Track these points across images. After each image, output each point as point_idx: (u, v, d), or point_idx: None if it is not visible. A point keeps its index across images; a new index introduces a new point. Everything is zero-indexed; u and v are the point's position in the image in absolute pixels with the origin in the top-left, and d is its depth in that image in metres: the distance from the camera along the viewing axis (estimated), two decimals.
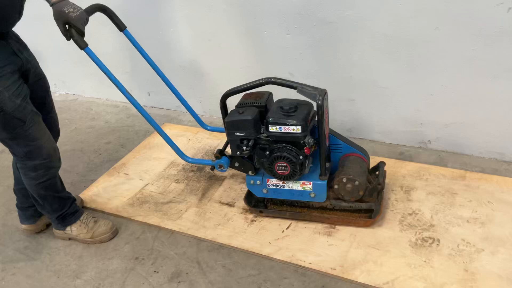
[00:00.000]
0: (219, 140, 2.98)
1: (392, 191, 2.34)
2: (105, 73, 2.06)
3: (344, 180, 2.05)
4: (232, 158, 2.21)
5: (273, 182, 2.17)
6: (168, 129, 3.17)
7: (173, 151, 2.28)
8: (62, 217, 2.25)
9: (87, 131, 3.31)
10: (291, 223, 2.22)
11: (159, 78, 2.39)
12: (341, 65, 2.63)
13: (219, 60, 3.04)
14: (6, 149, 2.07)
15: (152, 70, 2.38)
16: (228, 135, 2.14)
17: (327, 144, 2.10)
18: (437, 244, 2.01)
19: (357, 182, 2.03)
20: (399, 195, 2.31)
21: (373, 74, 2.57)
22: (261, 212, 2.28)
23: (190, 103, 2.59)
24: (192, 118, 3.27)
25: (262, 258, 2.07)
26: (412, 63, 2.44)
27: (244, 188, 2.49)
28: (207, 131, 3.08)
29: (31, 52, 2.06)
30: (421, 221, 2.14)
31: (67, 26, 1.90)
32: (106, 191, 2.62)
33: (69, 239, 2.31)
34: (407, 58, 2.43)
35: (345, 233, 2.12)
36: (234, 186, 2.53)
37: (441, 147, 2.63)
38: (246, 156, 2.15)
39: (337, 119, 2.84)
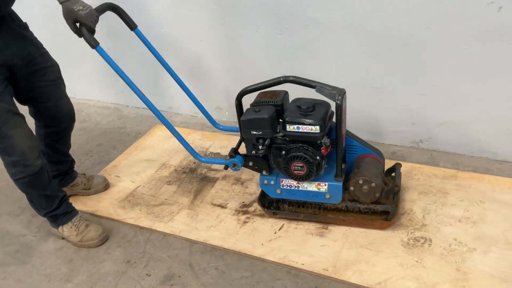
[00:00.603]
0: (211, 141, 2.97)
1: None
2: (118, 73, 2.04)
3: (361, 181, 2.03)
4: (246, 157, 2.17)
5: (287, 182, 2.14)
6: (160, 131, 3.15)
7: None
8: (52, 216, 2.25)
9: (78, 133, 3.29)
10: (283, 224, 2.21)
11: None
12: (332, 65, 2.62)
13: (210, 61, 3.02)
14: None
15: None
16: (244, 134, 2.09)
17: (344, 145, 2.07)
18: (429, 244, 2.01)
19: (373, 184, 2.01)
20: None
21: (365, 74, 2.57)
22: (274, 213, 2.24)
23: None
24: (184, 120, 3.28)
25: (255, 259, 2.06)
26: (404, 63, 2.44)
27: (236, 190, 2.48)
28: (199, 133, 3.08)
29: (28, 40, 2.05)
30: (413, 221, 2.14)
31: (77, 24, 1.89)
32: (98, 194, 2.60)
33: (62, 238, 2.31)
34: (399, 58, 2.43)
35: (338, 233, 2.12)
36: (226, 188, 2.52)
37: (433, 147, 2.64)
38: (261, 156, 2.12)
39: None
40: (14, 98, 2.07)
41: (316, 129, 1.94)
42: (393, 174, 2.22)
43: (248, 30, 2.75)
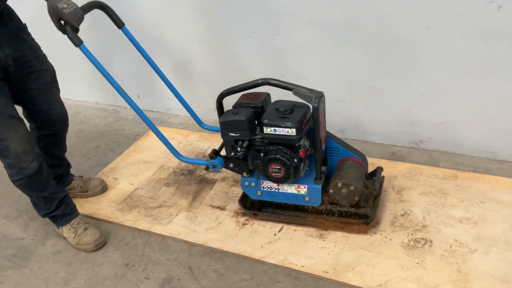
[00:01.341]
0: (210, 142, 2.95)
1: (383, 192, 2.32)
2: (101, 72, 2.03)
3: (339, 184, 2.02)
4: (227, 159, 2.18)
5: (267, 184, 2.14)
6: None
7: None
8: (52, 217, 2.25)
9: (76, 135, 3.27)
10: (283, 226, 2.20)
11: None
12: (331, 65, 2.61)
13: (209, 62, 3.01)
14: None
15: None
16: (222, 136, 2.11)
17: (324, 148, 2.07)
18: (430, 245, 2.00)
19: (352, 187, 2.01)
20: (391, 195, 2.30)
21: (364, 74, 2.56)
22: (255, 215, 2.25)
23: (180, 105, 2.56)
24: (183, 121, 3.27)
25: (255, 262, 2.05)
26: (403, 63, 2.43)
27: (235, 191, 2.46)
28: (197, 134, 3.06)
29: (24, 42, 2.04)
30: (413, 222, 2.13)
31: (62, 22, 1.88)
32: (95, 196, 2.58)
33: (64, 237, 2.30)
34: (398, 58, 2.42)
35: (337, 235, 2.11)
36: (225, 189, 2.50)
37: (432, 147, 2.63)
38: (241, 157, 2.12)
39: (328, 120, 2.82)
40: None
41: (292, 131, 1.95)
42: (374, 178, 2.21)
43: (246, 31, 2.73)
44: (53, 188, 2.21)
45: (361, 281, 1.87)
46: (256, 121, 2.08)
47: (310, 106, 1.94)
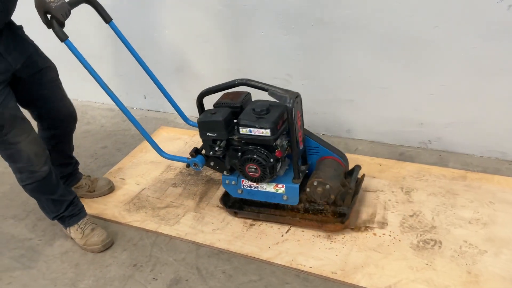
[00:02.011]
0: None
1: (392, 193, 2.31)
2: (85, 67, 2.03)
3: (315, 183, 2.03)
4: (207, 157, 2.20)
5: (247, 183, 2.16)
6: (165, 133, 3.14)
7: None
8: (60, 218, 2.24)
9: (83, 136, 3.27)
10: (290, 227, 2.18)
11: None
12: (339, 65, 2.60)
13: (215, 62, 3.00)
14: None
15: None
16: (200, 135, 2.14)
17: (302, 147, 2.09)
18: (439, 246, 1.98)
19: (328, 186, 2.01)
20: (399, 196, 2.29)
21: (372, 74, 2.54)
22: (235, 213, 2.28)
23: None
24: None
25: (263, 263, 2.04)
26: (412, 63, 2.41)
27: None
28: None
29: (27, 43, 2.04)
30: (422, 223, 2.11)
31: (48, 16, 1.87)
32: (102, 197, 2.58)
33: (71, 238, 2.29)
34: (407, 57, 2.40)
35: (346, 236, 2.10)
36: None
37: (441, 147, 2.61)
38: (221, 156, 2.14)
39: (335, 120, 2.81)
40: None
41: (267, 132, 1.96)
42: (360, 176, 2.23)
43: (254, 31, 2.72)
44: (62, 190, 2.21)
45: (370, 283, 1.86)
46: (234, 121, 2.09)
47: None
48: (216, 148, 2.11)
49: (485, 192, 2.24)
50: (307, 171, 2.19)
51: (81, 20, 2.57)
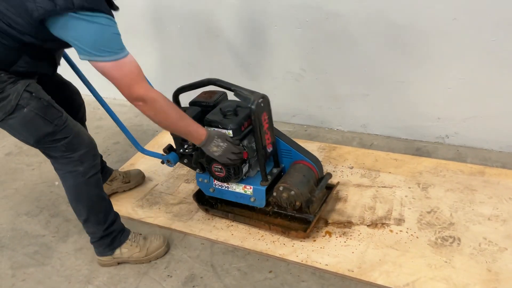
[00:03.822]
0: None
1: (409, 189, 2.27)
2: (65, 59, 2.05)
3: (281, 188, 2.00)
4: (182, 155, 2.19)
5: (218, 182, 2.14)
6: (169, 135, 3.11)
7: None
8: (108, 235, 2.03)
9: (95, 131, 3.27)
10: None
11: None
12: (354, 59, 2.56)
13: (227, 57, 2.97)
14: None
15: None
16: (171, 133, 2.13)
17: (270, 149, 2.06)
18: (458, 243, 1.94)
19: (293, 192, 1.98)
20: (416, 192, 2.25)
21: (388, 68, 2.50)
22: (207, 210, 2.28)
23: None
24: None
25: (278, 260, 2.01)
26: (429, 56, 2.36)
27: None
28: None
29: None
30: (440, 219, 2.07)
31: None
32: (116, 193, 2.56)
33: (118, 263, 2.11)
34: (424, 50, 2.35)
35: (362, 232, 2.06)
36: None
37: (459, 142, 2.56)
38: (192, 154, 2.14)
39: (350, 114, 2.77)
40: None
41: (229, 133, 1.95)
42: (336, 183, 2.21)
43: (266, 25, 2.69)
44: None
45: (387, 281, 1.83)
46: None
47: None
48: (185, 146, 2.12)
49: (504, 188, 2.20)
50: (282, 174, 2.17)
51: None
